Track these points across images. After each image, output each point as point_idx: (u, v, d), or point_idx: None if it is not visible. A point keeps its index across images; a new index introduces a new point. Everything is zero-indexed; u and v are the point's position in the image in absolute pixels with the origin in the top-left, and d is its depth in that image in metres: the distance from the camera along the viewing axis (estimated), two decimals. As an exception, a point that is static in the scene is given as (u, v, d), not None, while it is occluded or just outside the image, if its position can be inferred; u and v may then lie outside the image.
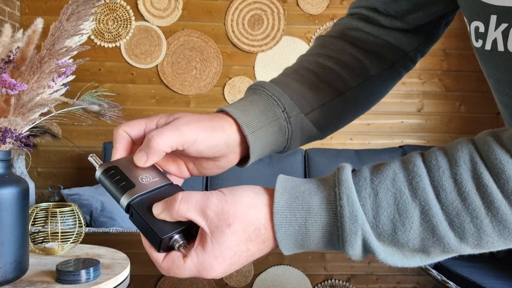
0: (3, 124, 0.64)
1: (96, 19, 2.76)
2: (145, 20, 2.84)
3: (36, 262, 0.75)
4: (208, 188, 2.62)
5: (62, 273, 0.66)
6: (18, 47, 0.68)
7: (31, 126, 0.72)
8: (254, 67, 2.91)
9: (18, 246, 0.65)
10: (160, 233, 0.39)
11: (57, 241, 0.78)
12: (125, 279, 0.73)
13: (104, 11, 2.81)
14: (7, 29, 0.69)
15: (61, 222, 0.78)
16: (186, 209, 0.39)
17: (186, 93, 2.88)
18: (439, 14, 0.59)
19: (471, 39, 0.50)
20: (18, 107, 0.67)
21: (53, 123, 0.79)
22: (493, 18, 0.45)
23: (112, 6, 2.79)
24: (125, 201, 0.41)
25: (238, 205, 0.39)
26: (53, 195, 2.60)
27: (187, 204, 0.39)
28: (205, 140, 0.44)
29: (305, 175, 2.65)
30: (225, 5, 2.88)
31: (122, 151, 0.45)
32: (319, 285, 0.76)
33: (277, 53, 2.91)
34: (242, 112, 0.49)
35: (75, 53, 0.69)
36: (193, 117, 0.45)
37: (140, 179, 0.43)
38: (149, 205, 0.41)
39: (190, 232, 0.41)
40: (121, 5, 2.81)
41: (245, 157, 0.51)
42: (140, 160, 0.43)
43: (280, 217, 0.39)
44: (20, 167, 2.45)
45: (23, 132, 0.68)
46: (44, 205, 0.81)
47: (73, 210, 0.80)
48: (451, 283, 0.75)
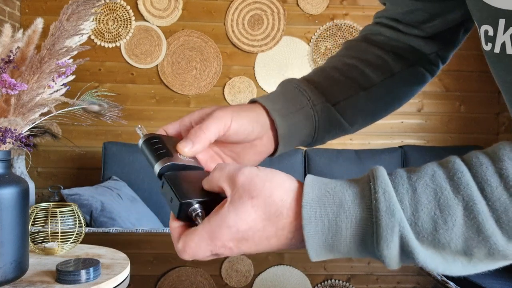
0: (3, 124, 0.64)
1: (96, 19, 2.76)
2: (145, 20, 2.84)
3: (36, 262, 0.75)
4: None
5: (62, 273, 0.66)
6: (18, 47, 0.68)
7: (31, 126, 0.72)
8: (254, 67, 2.91)
9: (18, 246, 0.65)
10: (181, 197, 0.40)
11: (57, 241, 0.78)
12: (125, 279, 0.73)
13: (104, 11, 2.81)
14: (7, 29, 0.69)
15: (61, 222, 0.78)
16: (219, 176, 0.39)
17: (186, 93, 2.88)
18: (456, 22, 0.60)
19: (481, 42, 0.51)
20: (18, 107, 0.67)
21: (53, 123, 0.79)
22: (502, 22, 0.46)
23: (112, 6, 2.79)
24: (159, 166, 0.43)
25: (267, 182, 0.38)
26: (53, 195, 2.60)
27: (220, 171, 0.40)
28: (239, 119, 0.47)
29: (305, 175, 2.65)
30: (225, 5, 2.88)
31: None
32: (319, 285, 0.76)
33: (277, 53, 2.91)
34: (270, 100, 0.52)
35: (75, 53, 0.69)
36: (226, 107, 0.48)
37: (178, 154, 0.45)
38: (180, 176, 0.42)
39: (212, 207, 0.41)
40: (121, 5, 2.81)
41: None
42: (186, 146, 0.44)
43: (309, 211, 0.36)
44: (20, 167, 2.45)
45: (23, 132, 0.68)
46: (44, 205, 0.81)
47: (73, 210, 0.80)
48: (451, 283, 0.75)
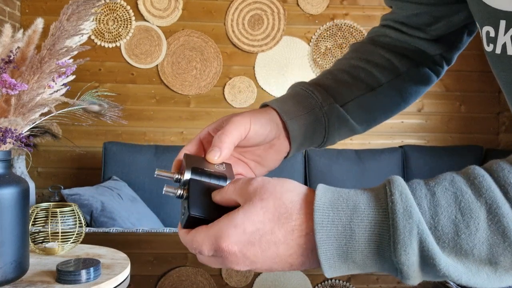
0: (3, 124, 0.64)
1: (96, 19, 2.76)
2: (145, 20, 2.84)
3: (36, 262, 0.75)
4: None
5: (63, 273, 0.66)
6: (18, 47, 0.68)
7: (31, 126, 0.72)
8: (254, 67, 2.91)
9: (18, 246, 0.65)
10: (192, 209, 0.39)
11: (57, 241, 0.78)
12: (125, 279, 0.73)
13: (104, 11, 2.81)
14: (7, 29, 0.69)
15: (62, 222, 0.78)
16: (232, 189, 0.39)
17: (186, 93, 2.88)
18: (460, 25, 0.61)
19: (483, 43, 0.51)
20: (18, 107, 0.67)
21: (53, 123, 0.79)
22: (502, 23, 0.46)
23: (112, 6, 2.79)
24: (188, 173, 0.43)
25: (278, 186, 0.37)
26: (54, 195, 2.60)
27: (233, 184, 0.40)
28: (257, 120, 0.49)
29: (305, 175, 2.65)
30: (225, 5, 2.88)
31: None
32: (319, 285, 0.76)
33: (277, 53, 2.91)
34: (280, 103, 0.54)
35: (75, 53, 0.69)
36: (241, 112, 0.50)
37: (213, 166, 0.45)
38: (205, 187, 0.42)
39: None
40: (121, 5, 2.81)
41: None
42: (214, 155, 0.45)
43: (321, 215, 0.34)
44: (21, 167, 2.45)
45: (23, 132, 0.68)
46: (45, 205, 0.81)
47: (73, 210, 0.80)
48: (451, 283, 0.75)
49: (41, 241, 0.80)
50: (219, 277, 0.78)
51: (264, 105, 0.55)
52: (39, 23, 0.70)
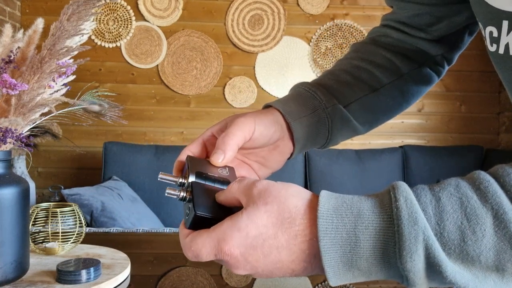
0: (3, 124, 0.64)
1: (96, 19, 2.76)
2: (145, 20, 2.84)
3: (37, 262, 0.75)
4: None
5: (63, 273, 0.66)
6: (18, 47, 0.68)
7: (31, 126, 0.72)
8: (254, 67, 2.91)
9: (18, 246, 0.65)
10: (198, 208, 0.39)
11: (58, 241, 0.78)
12: (125, 279, 0.73)
13: (105, 11, 2.81)
14: (8, 29, 0.69)
15: (62, 222, 0.78)
16: (236, 187, 0.39)
17: (186, 93, 2.88)
18: (462, 25, 0.61)
19: (486, 43, 0.51)
20: (18, 107, 0.67)
21: (54, 123, 0.79)
22: (505, 24, 0.46)
23: (113, 6, 2.79)
24: (192, 177, 0.43)
25: (283, 191, 0.37)
26: (54, 195, 2.60)
27: (238, 184, 0.39)
28: (261, 121, 0.48)
29: (305, 175, 2.65)
30: (225, 5, 2.88)
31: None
32: (319, 285, 0.76)
33: (277, 53, 2.91)
34: (284, 104, 0.53)
35: (75, 53, 0.69)
36: (245, 113, 0.49)
37: (217, 170, 0.45)
38: (206, 188, 0.42)
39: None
40: (121, 5, 2.81)
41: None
42: (218, 158, 0.44)
43: (325, 221, 0.34)
44: (21, 167, 2.45)
45: (23, 132, 0.68)
46: (45, 205, 0.81)
47: (73, 210, 0.80)
48: (452, 283, 0.75)
49: (41, 241, 0.80)
50: (219, 277, 0.78)
51: (267, 105, 0.54)
52: (39, 23, 0.70)
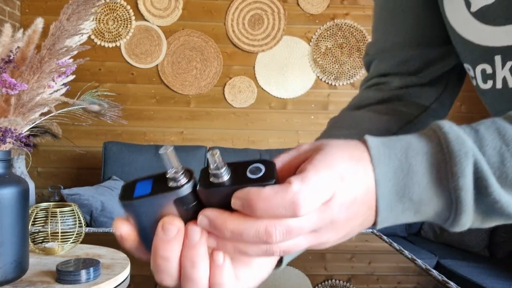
0: (3, 124, 0.64)
1: (96, 18, 2.76)
2: (145, 19, 2.84)
3: (36, 262, 0.75)
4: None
5: (62, 273, 0.66)
6: (18, 47, 0.68)
7: (31, 126, 0.72)
8: (254, 67, 2.90)
9: (18, 246, 0.65)
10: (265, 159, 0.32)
11: (57, 241, 0.78)
12: (125, 279, 0.73)
13: (104, 11, 2.81)
14: (7, 29, 0.68)
15: (61, 222, 0.78)
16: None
17: (186, 93, 2.88)
18: (453, 64, 0.59)
19: (475, 82, 0.52)
20: (18, 107, 0.67)
21: (53, 123, 0.79)
22: (498, 58, 0.47)
23: (112, 5, 2.79)
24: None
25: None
26: (53, 195, 2.60)
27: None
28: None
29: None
30: (225, 4, 2.88)
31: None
32: (320, 285, 0.76)
33: (277, 53, 2.91)
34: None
35: (75, 52, 0.69)
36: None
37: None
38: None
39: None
40: (121, 4, 2.81)
41: None
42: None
43: (377, 152, 0.33)
44: (20, 167, 2.45)
45: (23, 132, 0.68)
46: (44, 205, 0.81)
47: (73, 210, 0.80)
48: (452, 283, 0.75)
49: (41, 241, 0.80)
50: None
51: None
52: (39, 22, 0.70)
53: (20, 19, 2.79)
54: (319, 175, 0.30)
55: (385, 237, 1.08)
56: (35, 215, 0.79)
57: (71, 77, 0.76)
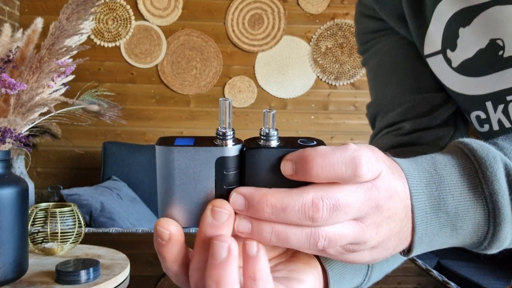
0: (2, 124, 0.63)
1: (95, 18, 2.76)
2: (145, 19, 2.83)
3: (36, 263, 0.75)
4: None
5: (62, 274, 0.66)
6: (17, 46, 0.68)
7: (30, 126, 0.71)
8: (254, 66, 2.90)
9: (17, 246, 0.64)
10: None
11: (57, 241, 0.78)
12: (125, 279, 0.73)
13: (104, 11, 2.81)
14: (7, 28, 0.68)
15: (61, 222, 0.78)
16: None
17: (186, 92, 2.88)
18: (457, 106, 0.58)
19: (474, 126, 0.54)
20: (17, 106, 0.66)
21: (53, 123, 0.79)
22: (489, 104, 0.50)
23: (112, 5, 2.79)
24: None
25: None
26: (53, 195, 2.59)
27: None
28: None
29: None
30: (225, 4, 2.88)
31: None
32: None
33: (277, 53, 2.91)
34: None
35: (74, 52, 0.69)
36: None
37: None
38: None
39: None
40: (121, 4, 2.81)
41: None
42: None
43: (406, 166, 0.31)
44: (20, 167, 2.45)
45: (22, 132, 0.67)
46: (44, 205, 0.81)
47: (72, 210, 0.80)
48: (452, 283, 0.75)
49: (40, 241, 0.80)
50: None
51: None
52: (38, 22, 0.70)
53: (19, 19, 2.79)
54: (370, 148, 0.29)
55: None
56: (34, 215, 0.78)
57: (71, 77, 0.75)
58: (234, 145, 0.28)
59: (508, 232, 0.32)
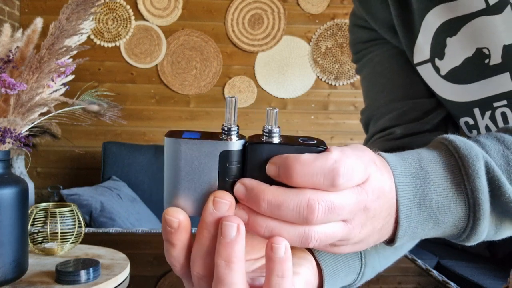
0: (2, 124, 0.63)
1: (95, 18, 2.76)
2: (145, 19, 2.83)
3: (36, 263, 0.75)
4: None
5: (62, 274, 0.66)
6: (17, 46, 0.68)
7: (30, 126, 0.71)
8: (254, 66, 2.90)
9: (17, 246, 0.64)
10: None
11: (57, 241, 0.78)
12: (125, 279, 0.73)
13: (104, 11, 2.81)
14: (7, 28, 0.68)
15: (61, 222, 0.78)
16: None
17: (186, 93, 2.88)
18: (447, 111, 0.59)
19: (464, 131, 0.56)
20: (17, 107, 0.66)
21: (53, 123, 0.79)
22: (477, 111, 0.51)
23: (112, 5, 2.79)
24: None
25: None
26: (53, 195, 2.59)
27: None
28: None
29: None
30: (225, 4, 2.88)
31: None
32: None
33: (277, 53, 2.91)
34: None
35: (74, 52, 0.69)
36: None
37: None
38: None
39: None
40: (120, 4, 2.81)
41: None
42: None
43: (393, 161, 0.33)
44: (20, 167, 2.45)
45: (22, 132, 0.67)
46: (44, 205, 0.81)
47: (72, 210, 0.80)
48: (452, 283, 0.75)
49: (40, 241, 0.80)
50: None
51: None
52: (38, 22, 0.70)
53: (19, 19, 2.79)
54: (356, 153, 0.29)
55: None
56: (34, 215, 0.78)
57: (71, 77, 0.75)
58: (237, 140, 0.30)
59: (486, 226, 0.34)
